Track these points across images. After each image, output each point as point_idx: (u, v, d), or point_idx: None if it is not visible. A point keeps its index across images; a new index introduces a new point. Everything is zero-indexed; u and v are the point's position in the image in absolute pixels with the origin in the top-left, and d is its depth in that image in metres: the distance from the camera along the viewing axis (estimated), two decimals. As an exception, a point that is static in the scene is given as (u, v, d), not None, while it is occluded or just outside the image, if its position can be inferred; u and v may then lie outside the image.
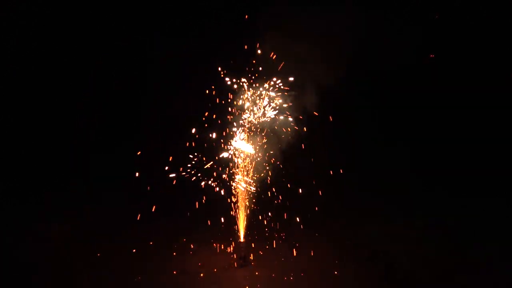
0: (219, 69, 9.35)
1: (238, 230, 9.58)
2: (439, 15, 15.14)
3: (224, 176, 9.46)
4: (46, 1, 13.90)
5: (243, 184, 9.40)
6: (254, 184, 9.58)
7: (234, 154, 9.45)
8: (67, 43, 14.48)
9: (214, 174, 9.44)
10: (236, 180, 9.45)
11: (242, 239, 9.53)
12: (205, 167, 9.41)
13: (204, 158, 9.54)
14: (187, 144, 9.53)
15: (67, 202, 12.60)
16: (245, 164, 9.55)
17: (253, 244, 9.83)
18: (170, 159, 9.57)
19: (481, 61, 14.95)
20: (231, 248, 9.74)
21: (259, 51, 9.43)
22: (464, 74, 15.12)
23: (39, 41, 14.14)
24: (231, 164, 9.48)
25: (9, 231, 10.57)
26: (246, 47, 9.73)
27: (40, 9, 13.82)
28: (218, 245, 9.90)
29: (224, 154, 9.34)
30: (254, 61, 9.35)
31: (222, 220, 10.15)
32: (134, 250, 9.58)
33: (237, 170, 9.49)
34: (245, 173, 9.55)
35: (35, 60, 14.25)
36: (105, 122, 15.17)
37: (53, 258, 9.20)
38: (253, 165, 9.53)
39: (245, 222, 9.60)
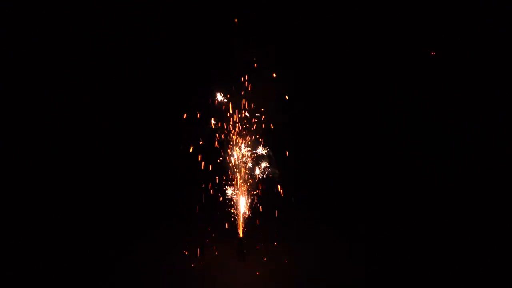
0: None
1: (237, 226, 9.52)
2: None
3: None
4: (46, 1, 13.93)
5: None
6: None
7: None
8: (67, 43, 14.48)
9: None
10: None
11: (241, 235, 9.47)
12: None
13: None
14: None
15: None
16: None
17: (252, 240, 9.71)
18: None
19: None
20: (230, 243, 9.63)
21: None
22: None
23: (39, 41, 14.15)
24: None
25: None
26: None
27: (40, 9, 13.86)
28: (216, 240, 9.81)
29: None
30: None
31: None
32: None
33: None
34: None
35: (35, 60, 14.25)
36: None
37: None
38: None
39: (244, 218, 9.54)
